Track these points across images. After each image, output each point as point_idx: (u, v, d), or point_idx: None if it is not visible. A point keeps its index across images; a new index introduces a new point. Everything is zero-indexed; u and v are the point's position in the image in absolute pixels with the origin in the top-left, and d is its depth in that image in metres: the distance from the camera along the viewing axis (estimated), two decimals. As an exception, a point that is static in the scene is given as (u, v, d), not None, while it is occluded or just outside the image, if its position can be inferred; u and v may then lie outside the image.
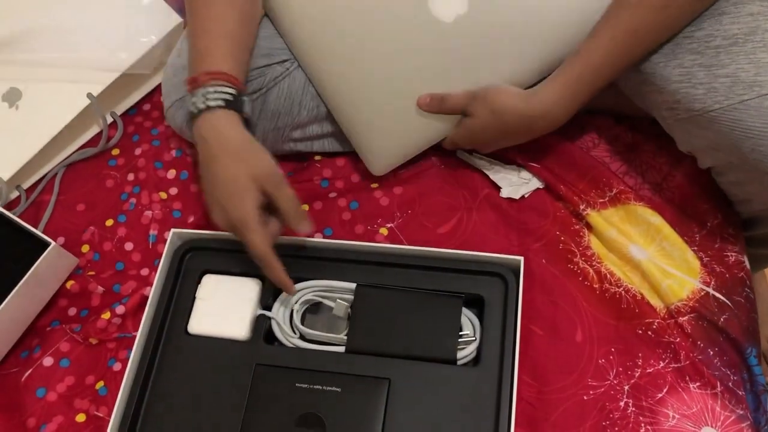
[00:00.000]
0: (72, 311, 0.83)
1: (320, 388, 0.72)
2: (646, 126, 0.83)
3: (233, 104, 0.72)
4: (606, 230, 0.78)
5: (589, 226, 0.80)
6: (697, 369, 0.71)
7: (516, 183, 0.83)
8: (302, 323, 0.77)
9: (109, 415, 0.73)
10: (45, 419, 0.76)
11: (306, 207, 0.86)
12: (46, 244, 0.79)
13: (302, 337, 0.76)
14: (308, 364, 0.73)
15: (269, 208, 0.72)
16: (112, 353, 0.80)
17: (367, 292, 0.76)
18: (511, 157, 0.83)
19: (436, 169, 0.85)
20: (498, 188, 0.83)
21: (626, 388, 0.71)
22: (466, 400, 0.70)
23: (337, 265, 0.78)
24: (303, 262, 0.78)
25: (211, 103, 0.71)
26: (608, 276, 0.77)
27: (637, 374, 0.72)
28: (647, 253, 0.76)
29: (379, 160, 0.83)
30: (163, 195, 0.89)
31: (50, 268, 0.80)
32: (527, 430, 0.71)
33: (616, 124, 0.86)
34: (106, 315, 0.80)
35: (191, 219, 0.87)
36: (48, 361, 0.79)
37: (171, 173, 0.90)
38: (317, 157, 0.89)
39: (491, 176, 0.84)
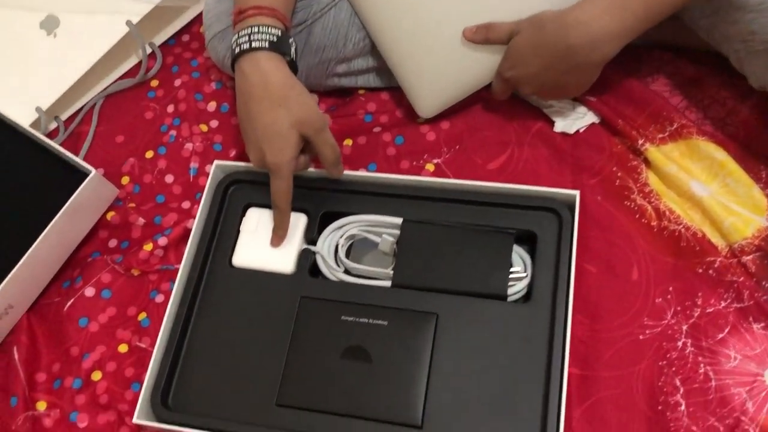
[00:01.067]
0: (113, 243, 0.82)
1: (366, 321, 0.70)
2: (709, 59, 0.79)
3: (278, 46, 0.69)
4: (665, 166, 0.74)
5: (648, 162, 0.76)
6: (762, 309, 0.68)
7: (570, 117, 0.79)
8: (347, 258, 0.75)
9: (152, 346, 0.73)
10: (87, 348, 0.76)
11: (349, 142, 0.84)
12: (87, 173, 0.77)
13: (347, 272, 0.75)
14: (354, 297, 0.72)
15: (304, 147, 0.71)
16: (154, 285, 0.79)
17: (413, 228, 0.73)
18: (565, 90, 0.79)
19: (486, 103, 0.82)
20: (551, 122, 0.80)
21: (685, 328, 0.69)
22: (517, 337, 0.68)
23: (383, 199, 0.75)
24: (348, 196, 0.76)
25: (256, 44, 0.68)
26: (667, 213, 0.74)
27: (696, 314, 0.69)
28: (710, 190, 0.73)
29: (426, 101, 0.80)
30: (204, 127, 0.86)
31: (91, 197, 0.79)
32: (579, 369, 0.69)
33: (675, 57, 0.81)
34: (149, 246, 0.79)
35: (233, 153, 0.85)
36: (89, 291, 0.79)
37: (211, 105, 0.88)
38: (361, 91, 0.86)
39: (544, 110, 0.80)
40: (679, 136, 0.76)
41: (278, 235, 0.73)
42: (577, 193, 0.70)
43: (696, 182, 0.73)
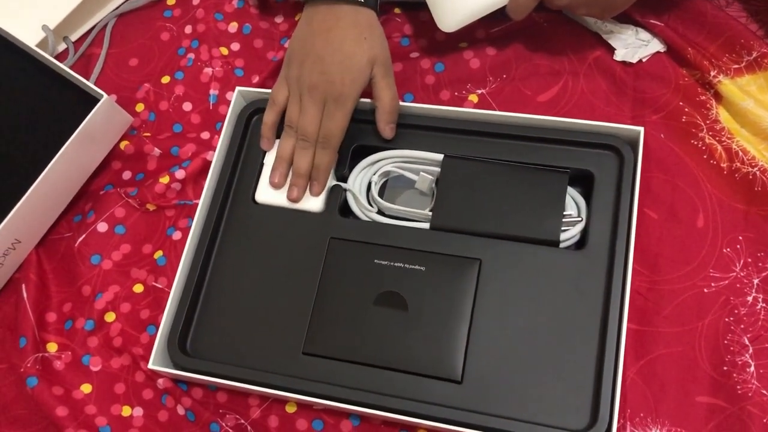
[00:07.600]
0: (127, 175, 0.76)
1: (402, 266, 0.64)
2: (794, -20, 0.70)
3: None
4: (741, 101, 0.66)
5: (719, 97, 0.68)
6: None
7: (633, 44, 0.71)
8: (381, 197, 0.69)
9: (169, 287, 0.68)
10: (101, 288, 0.71)
11: (384, 69, 0.76)
12: (98, 98, 0.71)
13: (380, 212, 0.68)
14: (388, 240, 0.65)
15: None
16: (171, 221, 0.73)
17: (455, 164, 0.66)
18: (627, 12, 0.71)
19: (537, 27, 0.74)
20: (610, 50, 0.71)
21: (756, 281, 0.62)
22: (569, 287, 0.61)
23: (421, 133, 0.69)
24: (382, 128, 0.69)
25: None
26: (740, 154, 0.66)
27: (770, 267, 0.62)
28: (791, 129, 0.65)
29: (448, 10, 0.69)
30: (224, 50, 0.79)
31: (103, 124, 0.72)
32: (636, 324, 0.63)
33: (754, -22, 0.72)
34: (165, 179, 0.73)
35: (255, 79, 0.78)
36: (102, 226, 0.73)
37: (233, 26, 0.80)
38: (397, 11, 0.78)
39: (603, 36, 0.72)
40: (758, 67, 0.67)
41: (318, 183, 0.67)
42: (641, 129, 0.63)
43: (776, 120, 0.65)
